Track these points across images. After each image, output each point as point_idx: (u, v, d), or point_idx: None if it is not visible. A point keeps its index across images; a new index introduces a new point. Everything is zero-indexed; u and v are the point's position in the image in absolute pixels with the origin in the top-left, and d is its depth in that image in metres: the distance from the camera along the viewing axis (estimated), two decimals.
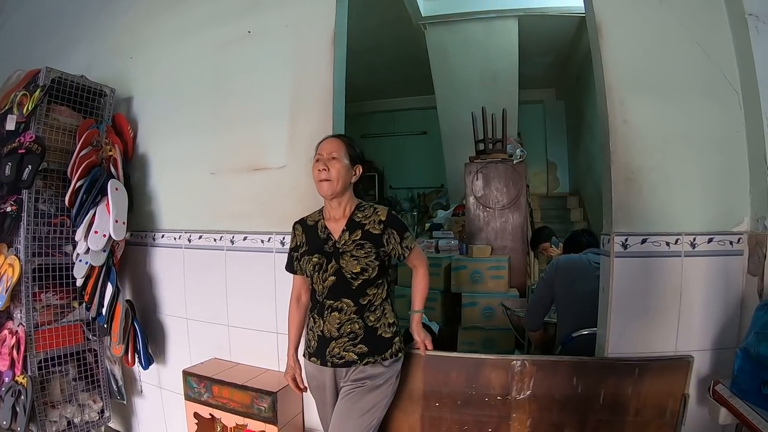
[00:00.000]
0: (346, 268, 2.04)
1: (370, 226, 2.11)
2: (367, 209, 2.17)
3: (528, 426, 2.14)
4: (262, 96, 2.71)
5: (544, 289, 3.02)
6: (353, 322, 2.06)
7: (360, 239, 2.08)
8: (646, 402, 2.04)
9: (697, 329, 2.07)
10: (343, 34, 2.63)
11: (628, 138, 2.12)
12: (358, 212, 2.16)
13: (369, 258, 2.05)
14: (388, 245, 2.11)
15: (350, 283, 2.05)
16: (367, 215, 2.14)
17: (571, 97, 8.53)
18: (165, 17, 3.15)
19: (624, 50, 2.17)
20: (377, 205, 2.20)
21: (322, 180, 2.06)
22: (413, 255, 2.19)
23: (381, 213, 2.14)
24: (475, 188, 5.05)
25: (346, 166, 2.10)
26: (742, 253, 2.04)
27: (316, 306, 2.15)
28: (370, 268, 2.05)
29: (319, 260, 2.10)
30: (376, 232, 2.10)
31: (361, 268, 2.04)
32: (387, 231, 2.11)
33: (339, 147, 2.13)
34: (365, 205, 2.20)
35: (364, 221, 2.12)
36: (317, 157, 2.11)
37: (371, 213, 2.15)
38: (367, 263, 2.05)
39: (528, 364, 2.12)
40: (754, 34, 1.97)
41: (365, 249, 2.06)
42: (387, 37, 6.52)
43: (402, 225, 2.17)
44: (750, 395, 1.62)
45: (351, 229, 2.11)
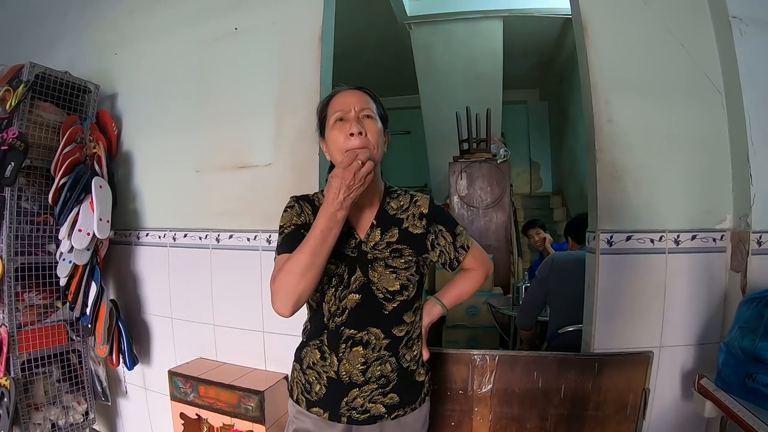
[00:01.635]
0: (379, 283, 1.51)
1: (409, 223, 1.57)
2: (401, 197, 1.62)
3: (490, 420, 2.15)
4: (248, 93, 2.69)
5: (538, 287, 3.02)
6: (384, 361, 1.54)
7: (397, 242, 1.54)
8: (606, 396, 2.08)
9: (682, 324, 2.09)
10: (330, 31, 2.62)
11: (613, 137, 2.15)
12: (390, 200, 1.60)
13: (410, 270, 1.54)
14: (434, 250, 1.60)
15: (382, 305, 1.52)
16: (403, 206, 1.60)
17: (554, 98, 8.60)
18: (150, 13, 3.12)
19: (609, 50, 2.18)
20: (413, 191, 1.66)
21: (361, 147, 1.40)
22: (471, 256, 1.67)
23: (421, 203, 1.61)
24: (459, 187, 5.08)
25: (381, 130, 1.52)
26: (725, 250, 2.08)
27: (322, 334, 1.55)
28: (411, 285, 1.55)
29: (337, 269, 1.51)
30: (418, 231, 1.57)
31: (401, 285, 1.52)
32: (432, 229, 1.59)
33: (369, 102, 1.54)
34: (396, 189, 1.64)
35: (400, 215, 1.58)
36: (339, 116, 1.49)
37: (408, 203, 1.60)
38: (408, 278, 1.54)
39: (489, 359, 2.14)
40: (737, 36, 2.00)
41: (405, 257, 1.53)
42: (372, 37, 6.53)
43: (450, 217, 1.66)
44: (734, 388, 1.65)
45: (384, 225, 1.56)
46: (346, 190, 1.31)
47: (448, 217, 1.65)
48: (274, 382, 2.39)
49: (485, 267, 1.74)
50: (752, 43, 2.00)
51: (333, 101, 1.57)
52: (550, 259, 3.00)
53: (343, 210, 1.33)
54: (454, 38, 6.23)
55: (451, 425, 2.17)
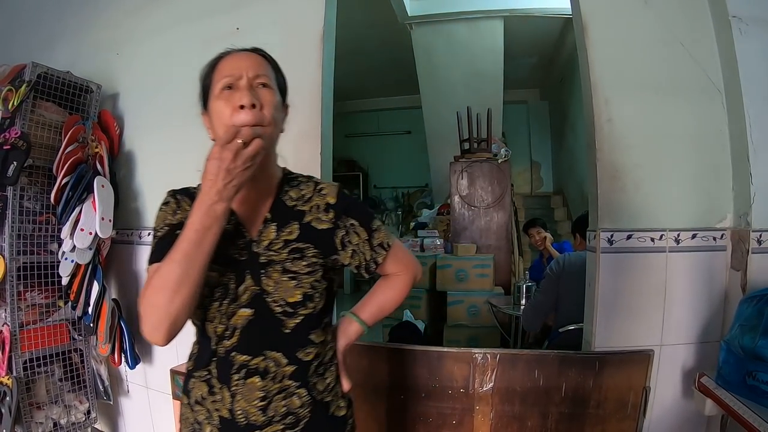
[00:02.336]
0: (276, 293, 1.18)
1: (313, 217, 1.25)
2: (303, 185, 1.30)
3: (491, 418, 2.15)
4: None
5: (550, 289, 3.02)
6: (290, 394, 1.20)
7: (298, 240, 1.22)
8: (607, 395, 2.07)
9: (682, 323, 2.10)
10: (332, 30, 2.62)
11: (613, 136, 2.15)
12: (289, 189, 1.29)
13: (314, 276, 1.21)
14: (345, 249, 1.28)
15: (281, 322, 1.19)
16: (305, 195, 1.28)
17: (554, 98, 8.61)
18: (152, 13, 3.12)
19: (609, 50, 2.19)
20: (317, 179, 1.35)
21: (253, 125, 1.11)
22: (393, 257, 1.35)
23: (327, 191, 1.29)
24: (460, 187, 5.09)
25: (279, 103, 1.24)
26: (725, 249, 2.08)
27: (210, 362, 1.20)
28: (317, 295, 1.22)
29: (222, 277, 1.19)
30: (324, 226, 1.25)
31: (304, 294, 1.19)
32: (342, 223, 1.27)
33: (266, 68, 1.27)
34: (298, 176, 1.35)
35: (301, 206, 1.26)
36: (227, 82, 1.19)
37: (311, 192, 1.29)
38: (313, 285, 1.21)
39: (490, 357, 2.13)
40: (737, 36, 2.01)
41: (307, 259, 1.21)
42: (373, 37, 6.55)
43: (365, 209, 1.35)
44: (735, 386, 1.65)
45: (280, 219, 1.24)
46: (226, 176, 1.03)
47: (362, 209, 1.33)
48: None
49: (411, 270, 1.42)
50: (752, 43, 2.01)
51: (220, 65, 1.25)
52: (562, 259, 3.00)
53: (223, 202, 1.05)
54: (454, 38, 6.24)
55: (452, 424, 2.18)
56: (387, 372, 2.25)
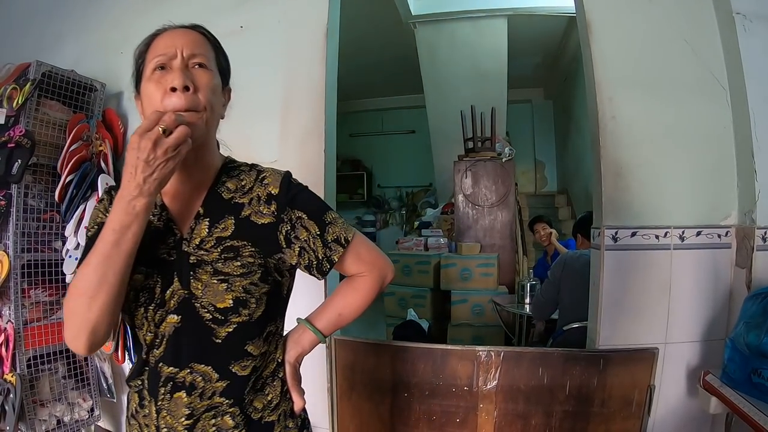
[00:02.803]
0: (204, 297, 1.05)
1: (252, 210, 1.11)
2: (244, 174, 1.15)
3: (495, 416, 2.15)
4: (254, 91, 2.69)
5: (551, 289, 3.06)
6: (221, 413, 1.08)
7: (232, 237, 1.08)
8: (611, 393, 2.07)
9: (687, 321, 2.09)
10: (335, 28, 2.63)
11: (617, 134, 2.15)
12: (227, 180, 1.14)
13: (250, 278, 1.07)
14: (291, 247, 1.12)
15: (211, 331, 1.06)
16: (244, 186, 1.13)
17: (559, 97, 8.59)
18: (156, 12, 3.12)
19: (613, 47, 2.19)
20: (261, 167, 1.19)
21: (185, 110, 1.01)
22: (353, 255, 1.17)
23: (270, 179, 1.13)
24: (464, 186, 5.09)
25: (218, 86, 1.11)
26: (730, 246, 2.08)
27: (143, 373, 1.11)
28: (252, 300, 1.07)
29: (147, 279, 1.08)
30: (265, 220, 1.10)
31: (235, 299, 1.05)
32: (287, 216, 1.11)
33: (204, 46, 1.12)
34: (240, 165, 1.19)
35: (239, 198, 1.12)
36: (160, 62, 1.06)
37: (252, 181, 1.14)
38: (247, 289, 1.06)
39: (494, 355, 2.13)
40: (742, 32, 2.00)
41: (243, 258, 1.07)
42: (376, 36, 6.54)
43: (316, 199, 1.18)
44: (740, 384, 1.65)
45: (214, 214, 1.10)
46: (145, 168, 0.92)
47: (312, 199, 1.16)
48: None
49: (379, 270, 1.21)
50: (756, 39, 2.01)
51: (154, 43, 1.11)
52: (562, 259, 3.01)
53: (144, 197, 0.94)
54: (458, 37, 6.23)
55: (456, 422, 2.18)
56: (391, 370, 2.25)
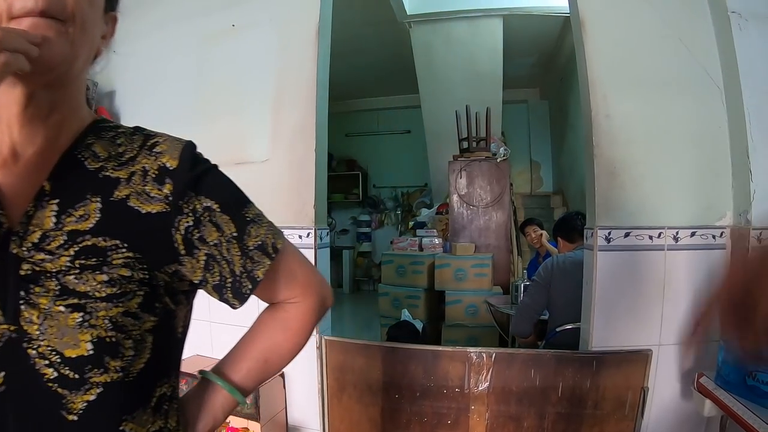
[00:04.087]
0: (42, 338, 0.63)
1: (132, 189, 0.71)
2: (123, 137, 0.76)
3: (487, 418, 2.14)
4: (246, 89, 2.69)
5: (538, 291, 2.97)
6: None
7: (95, 232, 0.67)
8: (604, 395, 2.06)
9: (681, 322, 2.07)
10: (327, 27, 2.61)
11: (611, 132, 2.13)
12: (95, 142, 0.74)
13: (124, 304, 0.67)
14: (194, 255, 0.75)
15: (59, 401, 0.64)
16: (123, 153, 0.74)
17: (554, 98, 8.59)
18: (148, 10, 3.11)
19: (607, 46, 2.17)
20: (151, 131, 0.79)
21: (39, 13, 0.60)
22: (284, 271, 0.85)
23: (165, 147, 0.75)
24: (458, 186, 5.07)
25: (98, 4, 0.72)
26: (725, 247, 2.06)
27: None
28: (129, 345, 0.68)
29: None
30: (153, 207, 0.71)
31: (96, 341, 0.64)
32: (189, 206, 0.74)
33: None
34: (119, 126, 0.80)
35: (113, 170, 0.72)
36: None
37: (137, 148, 0.75)
38: (118, 323, 0.66)
39: (485, 357, 2.12)
40: (737, 31, 1.98)
41: (111, 269, 0.66)
42: (371, 36, 6.53)
43: (232, 189, 0.82)
44: (734, 387, 1.64)
45: (68, 193, 0.69)
46: None
47: (227, 184, 0.82)
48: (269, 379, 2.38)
49: (316, 294, 0.90)
50: (751, 39, 1.98)
51: None
52: (549, 263, 2.97)
53: None
54: (454, 37, 6.21)
55: (448, 423, 2.16)
56: (382, 371, 2.24)
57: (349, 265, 9.97)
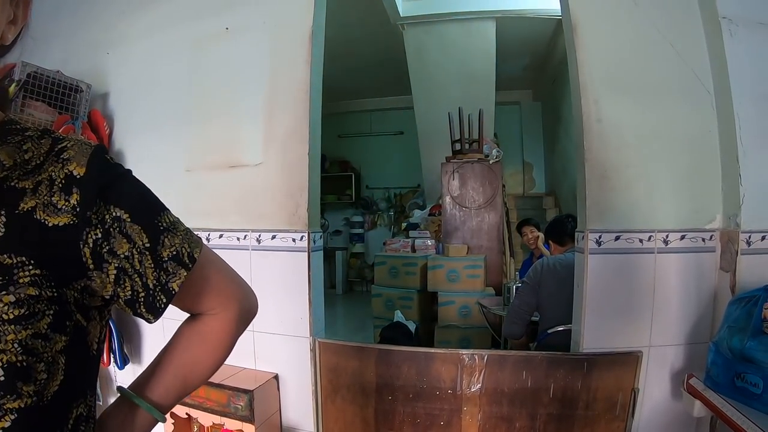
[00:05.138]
0: None
1: (39, 201, 0.66)
2: (30, 142, 0.70)
3: (479, 419, 2.15)
4: (239, 93, 2.69)
5: (527, 294, 2.99)
6: None
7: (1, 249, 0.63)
8: (596, 396, 2.08)
9: (671, 324, 2.10)
10: (320, 30, 2.62)
11: (603, 136, 2.15)
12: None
13: (33, 326, 0.62)
14: (103, 269, 0.70)
15: None
16: (29, 160, 0.69)
17: (547, 99, 8.62)
18: (142, 13, 3.11)
19: (599, 50, 2.19)
20: (60, 134, 0.74)
21: None
22: (202, 282, 0.84)
23: (72, 153, 0.70)
24: (451, 188, 5.09)
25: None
26: (715, 250, 2.08)
27: None
28: (41, 368, 0.64)
29: None
30: (60, 220, 0.66)
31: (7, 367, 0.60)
32: (98, 216, 0.69)
33: None
34: (23, 128, 0.72)
35: (18, 180, 0.67)
36: None
37: (43, 154, 0.70)
38: (28, 346, 0.62)
39: (477, 358, 2.13)
40: (728, 37, 2.00)
41: (18, 288, 0.62)
42: (365, 37, 6.54)
43: (145, 195, 0.79)
44: (723, 388, 1.65)
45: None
46: None
47: (139, 190, 0.78)
48: (263, 381, 2.38)
49: (238, 304, 0.89)
50: (742, 44, 2.01)
51: None
52: (539, 265, 2.98)
53: None
54: (447, 39, 6.23)
55: (440, 424, 2.18)
56: (375, 373, 2.25)
57: (342, 266, 9.99)
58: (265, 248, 2.48)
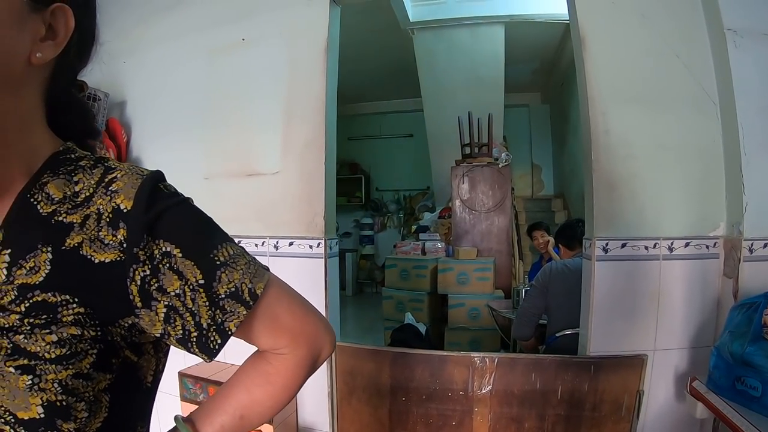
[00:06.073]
0: None
1: (86, 236, 0.63)
2: (82, 172, 0.68)
3: (490, 420, 2.20)
4: (256, 102, 2.75)
5: (536, 296, 3.05)
6: None
7: (45, 287, 0.60)
8: (602, 397, 2.13)
9: (676, 328, 2.16)
10: (335, 42, 2.68)
11: (610, 147, 2.20)
12: (51, 178, 0.66)
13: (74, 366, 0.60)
14: (152, 307, 0.65)
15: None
16: (79, 192, 0.66)
17: (555, 101, 8.64)
18: (159, 23, 3.17)
19: (607, 62, 2.24)
20: (114, 162, 0.70)
21: None
22: (266, 319, 0.74)
23: (121, 185, 0.65)
24: (461, 191, 5.13)
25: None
26: (718, 257, 2.14)
27: None
28: (82, 407, 0.62)
29: None
30: (106, 257, 0.63)
31: (47, 405, 0.59)
32: (145, 252, 0.64)
33: None
34: (79, 157, 0.70)
35: (66, 213, 0.64)
36: None
37: (93, 185, 0.66)
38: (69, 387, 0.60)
39: (488, 361, 2.18)
40: (732, 48, 2.05)
41: (61, 327, 0.60)
42: (375, 42, 6.59)
43: (199, 226, 0.72)
44: (725, 391, 1.71)
45: (18, 240, 0.62)
46: None
47: (192, 221, 0.72)
48: None
49: (308, 343, 0.79)
50: (746, 55, 2.05)
51: None
52: (548, 268, 3.04)
53: None
54: (456, 44, 6.27)
55: (452, 425, 2.23)
56: (390, 375, 2.31)
57: (352, 267, 10.03)
58: (283, 254, 2.54)
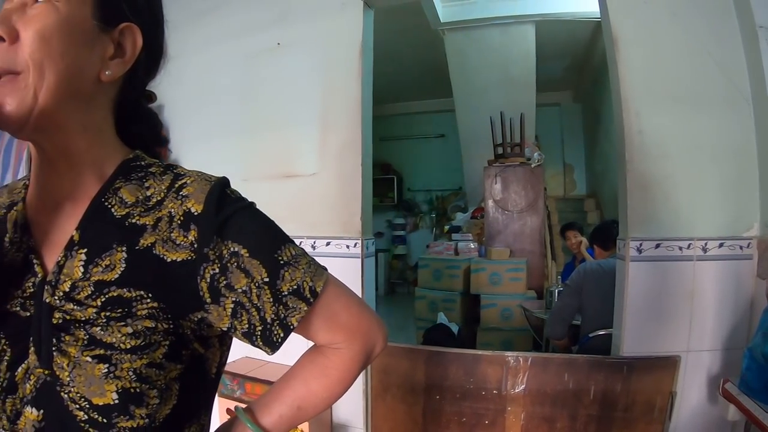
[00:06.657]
0: (72, 385, 0.65)
1: (158, 237, 0.69)
2: (152, 178, 0.75)
3: (522, 419, 2.23)
4: (292, 105, 2.81)
5: (570, 296, 3.08)
6: None
7: (121, 283, 0.67)
8: (634, 399, 2.14)
9: (709, 330, 2.15)
10: (369, 46, 2.73)
11: (644, 148, 2.21)
12: (123, 184, 0.73)
13: (147, 356, 0.66)
14: (220, 303, 0.70)
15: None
16: (151, 197, 0.72)
17: (587, 100, 8.55)
18: (194, 28, 3.24)
19: (639, 63, 2.24)
20: (182, 169, 0.78)
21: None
22: (324, 316, 0.78)
23: (192, 190, 0.71)
24: (493, 192, 5.15)
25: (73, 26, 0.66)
26: (752, 257, 2.13)
27: None
28: (154, 394, 0.68)
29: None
30: (178, 256, 0.69)
31: (121, 392, 0.65)
32: (215, 252, 0.69)
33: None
34: (148, 164, 0.78)
35: (138, 217, 0.71)
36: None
37: (164, 190, 0.73)
38: (141, 374, 0.66)
39: (522, 361, 2.21)
40: (765, 46, 2.03)
41: (136, 320, 0.66)
42: (406, 43, 6.61)
43: (265, 229, 0.76)
44: (757, 393, 1.70)
45: (95, 241, 0.69)
46: None
47: (258, 223, 0.76)
48: None
49: (362, 339, 0.82)
50: None
51: None
52: (582, 269, 3.05)
53: None
54: (487, 43, 6.25)
55: (485, 423, 2.27)
56: (424, 373, 2.35)
57: (384, 267, 10.04)
58: (320, 254, 2.58)
